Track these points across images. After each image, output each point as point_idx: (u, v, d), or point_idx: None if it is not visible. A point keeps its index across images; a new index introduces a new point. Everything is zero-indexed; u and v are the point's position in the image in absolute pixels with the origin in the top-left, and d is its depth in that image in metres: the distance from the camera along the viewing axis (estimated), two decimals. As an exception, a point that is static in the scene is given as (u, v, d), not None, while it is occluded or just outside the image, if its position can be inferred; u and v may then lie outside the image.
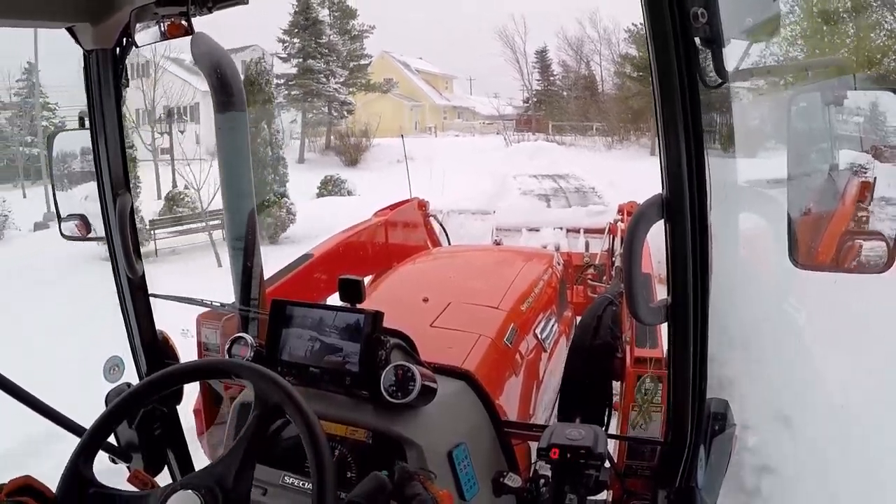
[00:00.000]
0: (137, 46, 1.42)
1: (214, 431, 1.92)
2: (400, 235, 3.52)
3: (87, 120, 1.56)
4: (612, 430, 1.97)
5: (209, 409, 1.93)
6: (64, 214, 1.71)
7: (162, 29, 1.36)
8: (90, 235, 1.71)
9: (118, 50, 1.48)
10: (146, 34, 1.38)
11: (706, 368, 1.15)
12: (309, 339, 1.32)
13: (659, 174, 1.05)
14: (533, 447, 1.40)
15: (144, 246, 11.54)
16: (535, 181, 15.88)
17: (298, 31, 24.73)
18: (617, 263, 3.68)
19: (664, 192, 1.06)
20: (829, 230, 1.31)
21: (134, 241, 1.59)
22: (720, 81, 0.98)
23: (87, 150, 1.67)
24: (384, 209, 3.71)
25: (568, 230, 4.92)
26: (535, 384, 2.12)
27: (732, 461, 1.30)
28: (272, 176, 13.23)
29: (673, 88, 1.00)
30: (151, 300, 1.69)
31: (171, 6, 1.35)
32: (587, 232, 4.68)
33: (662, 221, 1.07)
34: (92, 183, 1.63)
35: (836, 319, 3.91)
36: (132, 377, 1.65)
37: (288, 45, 24.97)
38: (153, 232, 11.78)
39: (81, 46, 1.47)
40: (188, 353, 1.91)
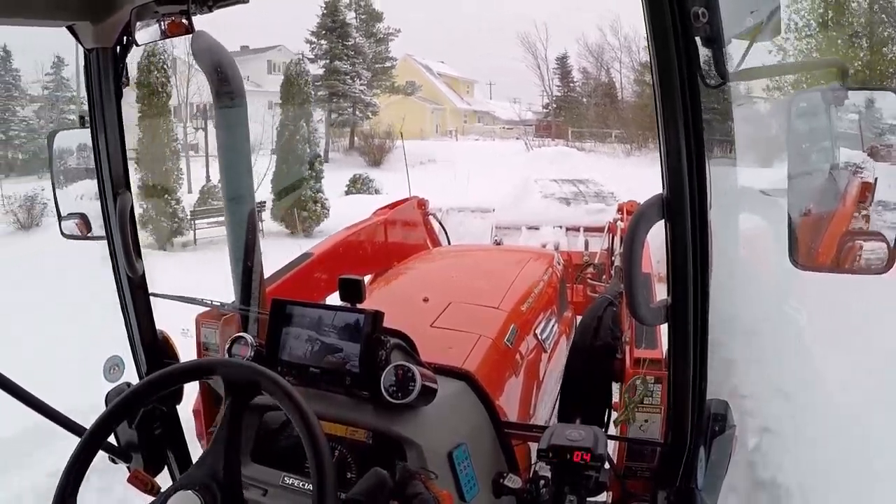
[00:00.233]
0: (138, 45, 1.42)
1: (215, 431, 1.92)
2: (399, 234, 3.51)
3: (87, 119, 1.56)
4: (611, 430, 1.97)
5: (209, 409, 1.93)
6: (64, 213, 1.71)
7: (162, 27, 1.36)
8: (90, 234, 1.71)
9: (119, 48, 1.48)
10: (146, 33, 1.38)
11: (706, 369, 1.15)
12: (309, 338, 1.32)
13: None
14: (533, 448, 1.40)
15: (184, 235, 12.51)
16: (555, 185, 16.44)
17: (326, 32, 25.34)
18: (617, 263, 3.67)
19: (664, 191, 1.06)
20: (829, 231, 1.30)
21: (134, 240, 1.59)
22: (721, 81, 0.98)
23: (82, 147, 1.67)
24: (383, 208, 3.71)
25: (567, 229, 4.91)
26: (535, 385, 2.12)
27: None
28: (309, 172, 13.55)
29: (673, 88, 0.99)
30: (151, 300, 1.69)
31: (171, 5, 1.35)
32: (587, 230, 4.68)
33: (662, 221, 1.07)
34: (86, 181, 1.64)
35: (835, 319, 3.92)
36: (132, 377, 1.65)
37: (315, 46, 25.58)
38: (194, 222, 12.37)
39: (82, 45, 1.47)
40: (188, 352, 1.91)
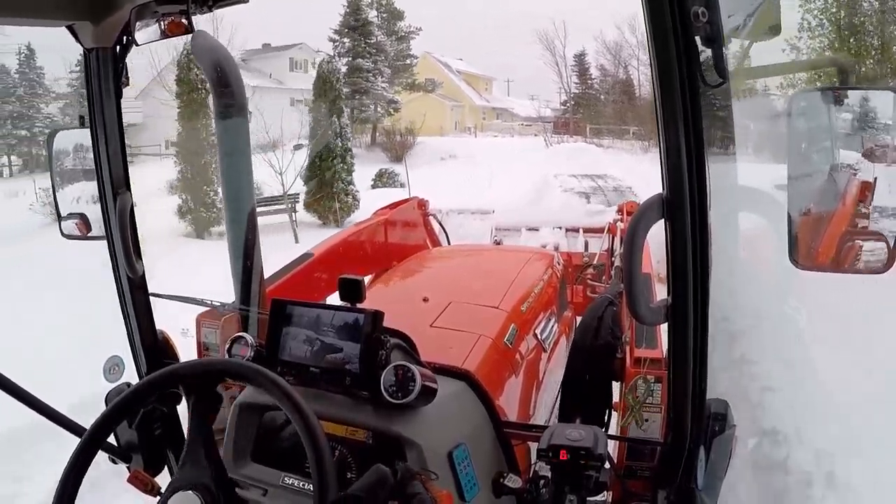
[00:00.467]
0: (137, 45, 1.42)
1: (214, 431, 1.91)
2: (400, 235, 3.51)
3: (87, 119, 1.56)
4: (611, 430, 1.97)
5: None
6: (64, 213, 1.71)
7: (162, 27, 1.36)
8: (90, 234, 1.70)
9: (118, 48, 1.48)
10: (146, 32, 1.38)
11: (706, 369, 1.15)
12: (309, 338, 1.32)
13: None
14: (533, 448, 1.40)
15: (221, 225, 12.57)
16: (575, 180, 16.62)
17: (349, 31, 26.00)
18: (616, 263, 3.67)
19: (664, 191, 1.06)
20: (829, 230, 1.30)
21: (134, 240, 1.59)
22: (721, 81, 0.98)
23: (78, 147, 1.67)
24: (383, 208, 3.71)
25: (567, 229, 4.92)
26: (535, 384, 2.12)
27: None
28: (341, 165, 14.15)
29: (673, 87, 0.99)
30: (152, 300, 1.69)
31: (171, 4, 1.35)
32: (586, 231, 4.68)
33: (662, 221, 1.07)
34: (83, 182, 1.64)
35: (835, 318, 3.92)
36: (132, 377, 1.65)
37: (338, 44, 26.22)
38: None
39: (82, 45, 1.47)
40: (188, 352, 1.91)
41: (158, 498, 1.04)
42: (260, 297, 1.78)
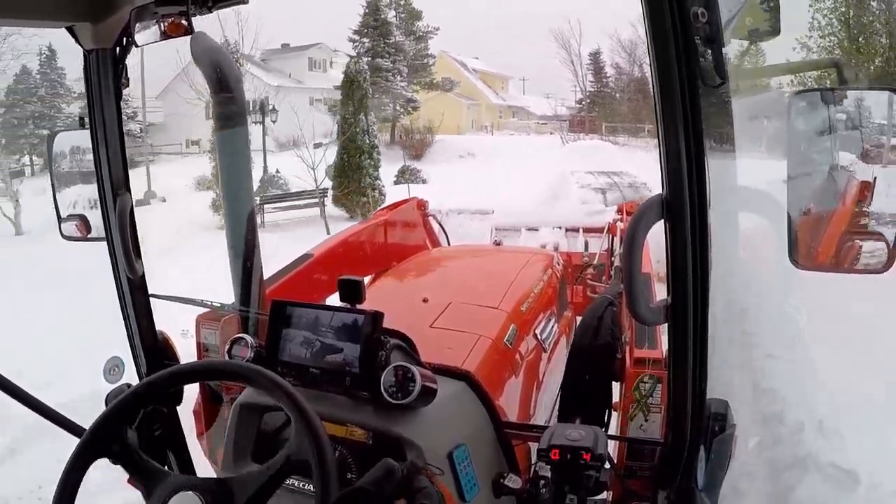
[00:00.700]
0: (137, 46, 1.42)
1: (214, 432, 1.92)
2: (399, 235, 3.51)
3: (87, 120, 1.56)
4: (611, 430, 1.97)
5: (209, 410, 1.93)
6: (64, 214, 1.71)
7: (162, 28, 1.36)
8: (90, 236, 1.70)
9: (118, 50, 1.48)
10: (146, 34, 1.38)
11: (706, 369, 1.15)
12: (309, 339, 1.32)
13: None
14: (533, 448, 1.40)
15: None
16: (591, 177, 17.06)
17: (368, 31, 26.39)
18: (616, 263, 3.67)
19: (664, 192, 1.06)
20: (828, 230, 1.30)
21: (134, 241, 1.59)
22: (720, 81, 0.98)
23: (76, 149, 1.67)
24: (383, 209, 3.71)
25: (567, 230, 4.92)
26: (535, 385, 2.12)
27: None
28: (368, 161, 14.64)
29: (673, 88, 0.99)
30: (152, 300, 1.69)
31: (170, 6, 1.35)
32: (586, 231, 4.68)
33: (662, 221, 1.07)
34: (81, 184, 1.64)
35: (834, 317, 3.93)
36: (132, 378, 1.65)
37: (358, 44, 26.56)
38: (262, 207, 13.68)
39: (81, 46, 1.47)
40: (188, 353, 1.91)
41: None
42: (260, 298, 1.78)
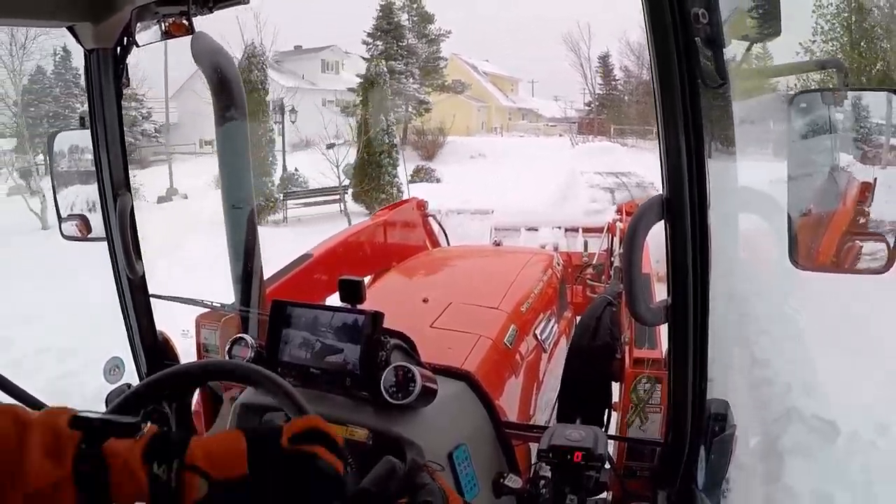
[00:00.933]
0: (138, 46, 1.42)
1: (214, 432, 1.92)
2: (399, 236, 3.51)
3: (87, 119, 1.56)
4: (611, 430, 1.97)
5: (209, 410, 1.93)
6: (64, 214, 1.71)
7: (163, 28, 1.37)
8: (90, 235, 1.71)
9: (119, 49, 1.48)
10: (147, 34, 1.39)
11: (706, 369, 1.15)
12: (309, 339, 1.32)
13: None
14: (533, 448, 1.40)
15: (277, 214, 14.53)
16: (600, 177, 17.60)
17: (381, 34, 26.77)
18: (616, 263, 3.68)
19: (664, 192, 1.06)
20: (829, 231, 1.30)
21: (134, 241, 1.59)
22: (721, 82, 0.98)
23: (74, 149, 1.67)
24: (383, 209, 3.71)
25: (566, 230, 4.93)
26: (535, 385, 2.12)
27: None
28: (387, 159, 15.26)
29: (673, 89, 1.00)
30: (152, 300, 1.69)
31: (171, 6, 1.35)
32: (586, 231, 4.68)
33: (662, 221, 1.07)
34: (80, 184, 1.64)
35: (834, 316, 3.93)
36: (132, 378, 1.65)
37: (371, 46, 26.93)
38: (285, 202, 14.70)
39: (82, 46, 1.47)
40: (188, 353, 1.91)
41: None
42: (260, 298, 1.78)
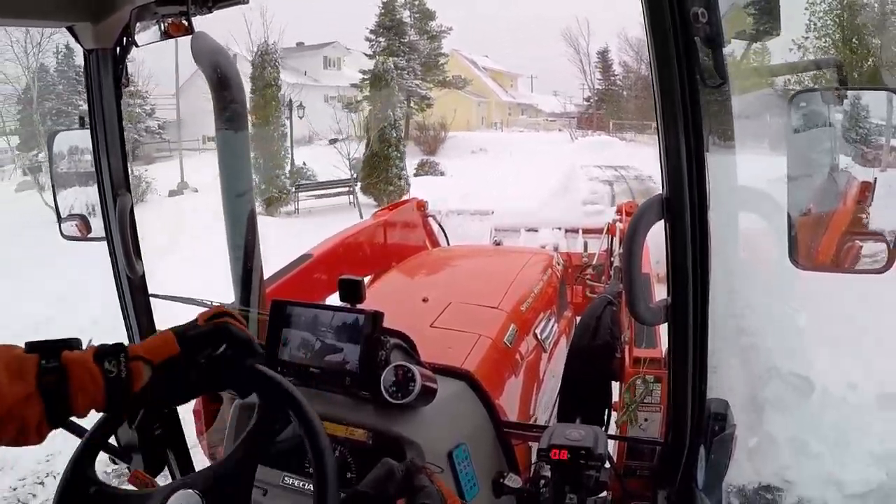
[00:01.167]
0: (138, 46, 1.42)
1: (214, 431, 1.92)
2: (399, 236, 3.51)
3: (87, 119, 1.56)
4: (611, 430, 1.97)
5: (209, 409, 1.93)
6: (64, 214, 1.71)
7: (162, 28, 1.37)
8: (90, 235, 1.71)
9: (118, 49, 1.48)
10: (146, 34, 1.39)
11: (706, 368, 1.15)
12: (309, 339, 1.32)
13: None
14: (533, 448, 1.40)
15: (289, 205, 15.01)
16: (599, 170, 18.12)
17: (384, 30, 27.35)
18: (616, 263, 3.68)
19: (664, 191, 1.06)
20: (829, 230, 1.30)
21: (134, 241, 1.59)
22: (720, 81, 0.98)
23: (74, 149, 1.67)
24: (383, 209, 3.71)
25: (566, 230, 4.92)
26: (535, 384, 2.12)
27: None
28: (395, 153, 15.68)
29: (673, 88, 0.99)
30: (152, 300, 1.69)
31: (171, 6, 1.35)
32: (585, 232, 4.68)
33: (662, 221, 1.07)
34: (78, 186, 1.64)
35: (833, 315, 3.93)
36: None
37: (374, 43, 27.50)
38: (297, 194, 15.15)
39: (82, 46, 1.47)
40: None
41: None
42: (260, 298, 1.78)
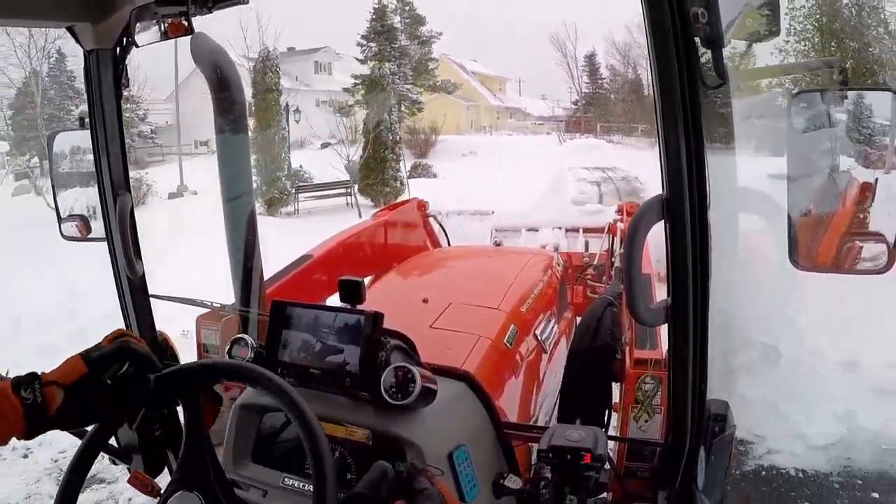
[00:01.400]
0: (137, 46, 1.42)
1: (214, 432, 1.91)
2: (399, 236, 3.51)
3: (87, 120, 1.56)
4: (611, 431, 1.97)
5: (209, 410, 1.92)
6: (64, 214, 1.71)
7: (162, 28, 1.37)
8: (90, 236, 1.71)
9: (118, 50, 1.48)
10: (146, 34, 1.39)
11: (706, 369, 1.15)
12: (309, 340, 1.32)
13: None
14: (533, 449, 1.40)
15: (289, 206, 15.33)
16: (587, 172, 18.31)
17: (375, 35, 27.72)
18: (616, 264, 3.67)
19: (664, 192, 1.06)
20: (829, 231, 1.30)
21: (134, 241, 1.59)
22: (720, 82, 0.98)
23: (75, 150, 1.67)
24: (383, 209, 3.71)
25: (567, 230, 4.92)
26: (535, 385, 2.12)
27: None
28: (391, 154, 16.07)
29: (673, 89, 0.99)
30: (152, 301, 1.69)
31: (171, 6, 1.35)
32: (586, 231, 4.67)
33: (662, 221, 1.07)
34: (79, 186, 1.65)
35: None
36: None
37: (365, 48, 27.91)
38: (297, 195, 15.51)
39: (82, 46, 1.47)
40: (188, 354, 1.90)
41: (158, 498, 1.04)
42: (260, 298, 1.78)
